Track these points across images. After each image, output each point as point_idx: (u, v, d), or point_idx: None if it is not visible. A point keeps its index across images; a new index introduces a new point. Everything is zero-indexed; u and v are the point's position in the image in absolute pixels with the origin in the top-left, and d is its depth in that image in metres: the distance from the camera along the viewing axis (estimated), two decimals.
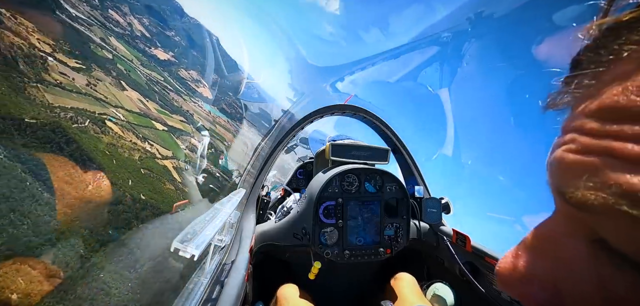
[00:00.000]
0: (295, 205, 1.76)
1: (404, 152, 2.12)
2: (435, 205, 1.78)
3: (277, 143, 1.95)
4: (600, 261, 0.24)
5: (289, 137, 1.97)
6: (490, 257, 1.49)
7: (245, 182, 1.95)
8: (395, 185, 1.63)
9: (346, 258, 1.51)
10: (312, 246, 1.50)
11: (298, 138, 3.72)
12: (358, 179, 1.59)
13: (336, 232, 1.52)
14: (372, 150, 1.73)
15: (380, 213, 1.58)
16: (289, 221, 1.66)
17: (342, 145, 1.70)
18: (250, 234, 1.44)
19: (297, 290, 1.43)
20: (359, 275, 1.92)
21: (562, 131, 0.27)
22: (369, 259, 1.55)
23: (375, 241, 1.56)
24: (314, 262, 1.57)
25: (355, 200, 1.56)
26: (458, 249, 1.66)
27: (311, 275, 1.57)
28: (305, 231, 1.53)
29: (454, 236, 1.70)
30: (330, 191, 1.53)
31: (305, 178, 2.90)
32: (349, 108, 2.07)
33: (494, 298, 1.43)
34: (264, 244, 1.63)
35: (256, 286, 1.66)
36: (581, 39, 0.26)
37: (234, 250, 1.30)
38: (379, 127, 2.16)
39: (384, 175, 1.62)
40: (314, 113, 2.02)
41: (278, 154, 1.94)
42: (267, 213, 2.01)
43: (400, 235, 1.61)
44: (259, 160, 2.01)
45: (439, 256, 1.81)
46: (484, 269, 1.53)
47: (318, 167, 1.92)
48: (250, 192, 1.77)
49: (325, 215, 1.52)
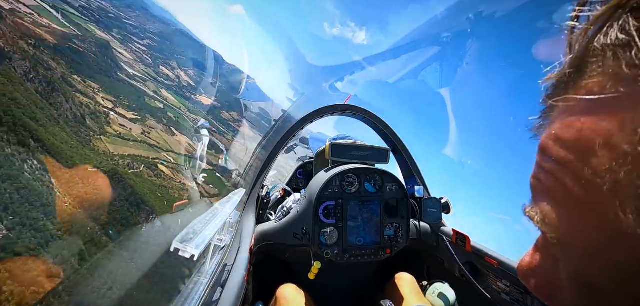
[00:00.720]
0: (295, 205, 1.75)
1: (404, 152, 2.12)
2: (435, 205, 1.78)
3: (277, 143, 1.94)
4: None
5: (289, 137, 1.97)
6: (490, 257, 1.49)
7: (245, 182, 1.95)
8: (395, 185, 1.63)
9: (346, 258, 1.51)
10: (312, 246, 1.50)
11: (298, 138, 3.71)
12: (358, 179, 1.59)
13: (336, 232, 1.52)
14: (372, 150, 1.73)
15: (380, 213, 1.58)
16: (289, 221, 1.66)
17: (342, 145, 1.70)
18: (250, 234, 1.44)
19: (297, 290, 1.43)
20: (359, 275, 1.92)
21: None
22: (369, 259, 1.54)
23: (375, 242, 1.56)
24: (314, 262, 1.57)
25: (355, 200, 1.56)
26: (458, 249, 1.66)
27: (311, 275, 1.56)
28: (305, 231, 1.53)
29: (453, 236, 1.70)
30: (330, 191, 1.53)
31: (305, 178, 2.89)
32: (349, 108, 2.06)
33: (494, 298, 1.43)
34: (264, 244, 1.63)
35: (256, 286, 1.66)
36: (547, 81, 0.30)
37: (234, 250, 1.30)
38: (378, 127, 2.15)
39: (384, 175, 1.62)
40: (314, 113, 2.02)
41: (278, 154, 1.94)
42: (267, 213, 2.00)
43: (400, 235, 1.61)
44: (259, 160, 2.01)
45: (438, 256, 1.81)
46: (484, 269, 1.53)
47: (318, 167, 1.92)
48: (250, 192, 1.77)
49: (325, 215, 1.52)
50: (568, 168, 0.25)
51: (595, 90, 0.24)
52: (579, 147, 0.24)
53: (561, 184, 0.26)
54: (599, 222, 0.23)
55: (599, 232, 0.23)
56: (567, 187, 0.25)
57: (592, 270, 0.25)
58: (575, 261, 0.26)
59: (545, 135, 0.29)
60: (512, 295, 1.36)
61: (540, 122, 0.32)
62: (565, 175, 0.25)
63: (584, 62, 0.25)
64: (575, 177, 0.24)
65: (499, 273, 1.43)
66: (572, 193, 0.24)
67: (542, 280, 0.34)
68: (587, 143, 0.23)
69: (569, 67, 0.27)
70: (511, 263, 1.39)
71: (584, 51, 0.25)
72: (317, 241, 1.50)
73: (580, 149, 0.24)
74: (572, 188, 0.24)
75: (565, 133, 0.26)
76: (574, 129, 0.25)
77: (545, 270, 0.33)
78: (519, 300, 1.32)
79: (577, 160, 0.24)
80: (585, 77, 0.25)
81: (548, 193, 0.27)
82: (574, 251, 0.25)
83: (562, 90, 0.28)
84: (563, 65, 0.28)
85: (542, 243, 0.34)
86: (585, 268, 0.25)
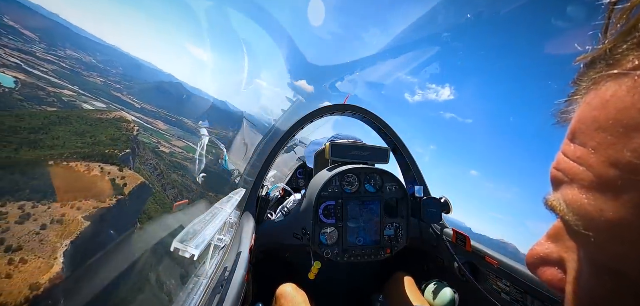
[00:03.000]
0: (295, 205, 1.75)
1: (404, 152, 2.11)
2: (435, 205, 1.78)
3: (277, 143, 1.94)
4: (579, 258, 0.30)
5: (289, 137, 1.97)
6: (490, 257, 1.49)
7: (246, 182, 1.95)
8: (395, 185, 1.63)
9: (346, 258, 1.51)
10: (312, 246, 1.50)
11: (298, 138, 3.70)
12: (358, 179, 1.59)
13: (336, 232, 1.52)
14: (372, 150, 1.73)
15: (380, 213, 1.58)
16: (289, 221, 1.65)
17: (342, 145, 1.70)
18: (250, 234, 1.44)
19: (297, 290, 1.43)
20: (359, 275, 1.92)
21: None
22: (369, 259, 1.54)
23: (375, 242, 1.56)
24: (314, 262, 1.57)
25: (355, 200, 1.56)
26: (458, 249, 1.66)
27: (311, 275, 1.57)
28: (305, 231, 1.53)
29: (453, 236, 1.70)
30: (330, 191, 1.53)
31: (305, 178, 2.89)
32: (348, 108, 2.06)
33: (494, 299, 1.43)
34: (264, 244, 1.63)
35: (256, 287, 1.66)
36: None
37: (234, 250, 1.30)
38: (378, 127, 2.15)
39: (384, 175, 1.62)
40: (313, 113, 2.02)
41: (278, 154, 1.94)
42: (267, 213, 2.01)
43: (400, 235, 1.61)
44: (259, 160, 2.00)
45: (438, 256, 1.81)
46: (484, 269, 1.53)
47: (318, 167, 1.92)
48: (251, 192, 1.77)
49: (326, 215, 1.52)
50: (602, 150, 0.24)
51: (637, 66, 0.23)
52: (618, 126, 0.23)
53: (592, 167, 0.25)
54: (635, 204, 0.22)
55: (635, 214, 0.22)
56: (599, 170, 0.24)
57: (621, 255, 0.24)
58: (602, 246, 0.25)
59: (577, 118, 0.28)
60: (512, 295, 1.36)
61: (566, 106, 0.31)
62: (598, 157, 0.25)
63: (626, 39, 0.24)
64: (612, 158, 0.23)
65: (499, 273, 1.43)
66: (605, 175, 0.24)
67: (555, 270, 0.33)
68: (629, 122, 0.22)
69: (608, 44, 0.26)
70: (511, 263, 1.40)
71: (628, 28, 0.24)
72: (317, 241, 1.50)
73: (619, 129, 0.23)
74: (606, 170, 0.24)
75: (602, 114, 0.25)
76: (613, 108, 0.24)
77: (560, 259, 0.32)
78: (519, 300, 1.32)
79: (615, 140, 0.23)
80: (626, 53, 0.24)
81: (575, 179, 0.27)
82: (601, 237, 0.25)
83: (600, 68, 0.26)
84: (601, 44, 0.27)
85: (557, 232, 0.33)
86: (613, 253, 0.25)
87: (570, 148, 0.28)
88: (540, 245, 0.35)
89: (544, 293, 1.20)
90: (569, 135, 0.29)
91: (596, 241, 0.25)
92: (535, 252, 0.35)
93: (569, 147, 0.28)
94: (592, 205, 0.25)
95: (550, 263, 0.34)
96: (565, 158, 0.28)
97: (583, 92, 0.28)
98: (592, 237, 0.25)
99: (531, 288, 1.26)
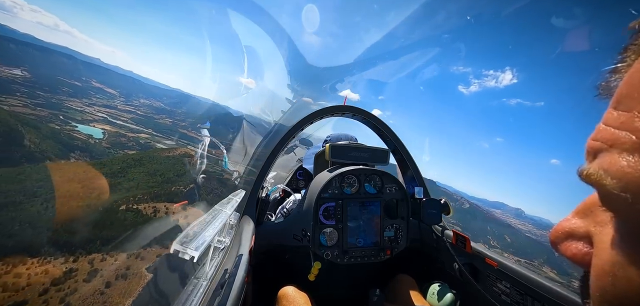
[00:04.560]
0: (294, 206, 1.75)
1: (404, 153, 2.11)
2: (435, 206, 1.78)
3: (276, 144, 1.94)
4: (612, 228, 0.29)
5: (289, 138, 1.97)
6: (490, 258, 1.49)
7: (245, 183, 1.95)
8: (395, 186, 1.63)
9: (346, 259, 1.51)
10: (312, 247, 1.50)
11: (298, 139, 3.71)
12: (358, 180, 1.59)
13: (336, 233, 1.52)
14: (372, 151, 1.72)
15: (380, 214, 1.58)
16: (289, 222, 1.65)
17: (341, 146, 1.70)
18: (250, 235, 1.43)
19: (297, 291, 1.43)
20: (359, 276, 1.91)
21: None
22: (369, 260, 1.54)
23: (375, 243, 1.56)
24: (314, 263, 1.57)
25: (355, 201, 1.56)
26: (458, 250, 1.66)
27: (311, 276, 1.56)
28: (305, 232, 1.53)
29: (453, 237, 1.70)
30: (330, 192, 1.53)
31: (304, 179, 2.89)
32: (348, 109, 2.06)
33: (494, 300, 1.43)
34: (263, 245, 1.63)
35: (256, 288, 1.65)
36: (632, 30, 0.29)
37: (234, 251, 1.30)
38: (378, 128, 2.15)
39: (383, 176, 1.62)
40: (313, 114, 2.02)
41: (278, 155, 1.94)
42: (267, 214, 2.00)
43: (400, 236, 1.61)
44: (259, 161, 2.00)
45: (438, 257, 1.81)
46: (484, 270, 1.53)
47: (317, 168, 1.91)
48: (250, 193, 1.77)
49: (325, 216, 1.52)
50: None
51: None
52: None
53: (637, 130, 0.25)
54: None
55: None
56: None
57: None
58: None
59: (625, 82, 0.28)
60: (512, 296, 1.36)
61: (610, 76, 0.30)
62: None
63: None
64: None
65: (499, 275, 1.43)
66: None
67: (581, 244, 0.33)
68: None
69: None
70: (511, 264, 1.39)
71: None
72: (317, 242, 1.49)
73: None
74: None
75: None
76: None
77: (587, 233, 0.32)
78: (519, 301, 1.32)
79: None
80: None
81: (615, 144, 0.26)
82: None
83: None
84: None
85: (586, 208, 0.33)
86: None
87: (613, 115, 0.28)
88: (566, 220, 0.35)
89: (543, 294, 1.20)
90: (613, 102, 0.28)
91: (635, 204, 0.25)
92: (560, 227, 0.35)
93: (611, 114, 0.28)
94: (632, 167, 0.25)
95: (576, 237, 0.34)
96: (606, 126, 0.28)
97: (632, 58, 0.28)
98: (630, 199, 0.25)
99: (531, 289, 1.26)
